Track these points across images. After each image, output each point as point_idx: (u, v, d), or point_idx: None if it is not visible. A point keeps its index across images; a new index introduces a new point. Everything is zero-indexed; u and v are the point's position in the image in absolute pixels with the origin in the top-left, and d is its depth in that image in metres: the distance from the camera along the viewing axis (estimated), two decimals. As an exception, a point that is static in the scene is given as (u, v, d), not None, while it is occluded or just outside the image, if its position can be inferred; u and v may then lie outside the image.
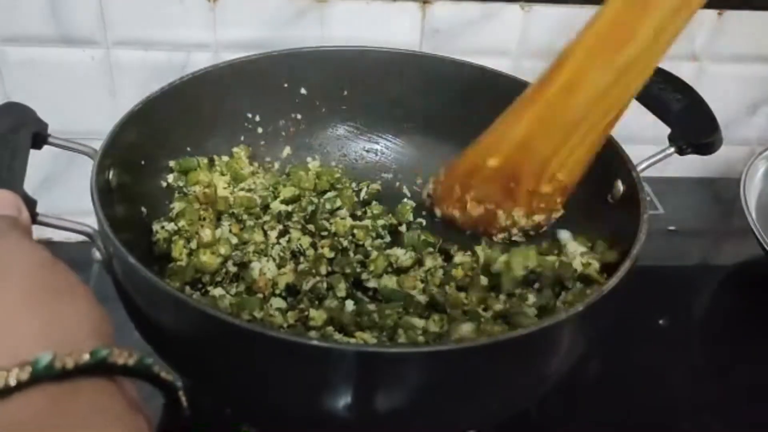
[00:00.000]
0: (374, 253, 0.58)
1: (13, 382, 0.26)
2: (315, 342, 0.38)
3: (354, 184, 0.66)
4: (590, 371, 0.50)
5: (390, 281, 0.56)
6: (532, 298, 0.52)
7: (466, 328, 0.49)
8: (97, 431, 0.28)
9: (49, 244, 0.48)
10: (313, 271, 0.56)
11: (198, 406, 0.38)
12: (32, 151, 0.49)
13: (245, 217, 0.60)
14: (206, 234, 0.56)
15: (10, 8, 0.68)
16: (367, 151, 0.69)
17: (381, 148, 0.69)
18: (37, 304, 0.31)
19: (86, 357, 0.28)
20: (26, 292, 0.31)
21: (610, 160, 0.54)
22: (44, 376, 0.27)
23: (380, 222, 0.62)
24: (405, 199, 0.65)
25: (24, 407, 0.27)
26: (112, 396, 0.30)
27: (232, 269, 0.56)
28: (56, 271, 0.34)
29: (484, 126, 0.56)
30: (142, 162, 0.56)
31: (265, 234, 0.59)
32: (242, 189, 0.62)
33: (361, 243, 0.60)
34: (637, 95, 0.57)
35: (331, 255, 0.58)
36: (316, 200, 0.62)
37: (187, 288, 0.54)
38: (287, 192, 0.62)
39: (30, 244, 0.36)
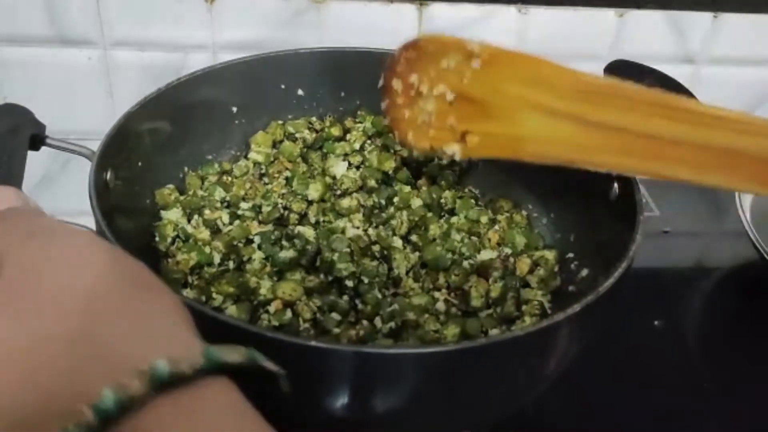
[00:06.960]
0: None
1: (135, 393, 0.25)
2: (313, 343, 0.38)
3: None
4: (586, 372, 0.50)
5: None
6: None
7: None
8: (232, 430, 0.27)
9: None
10: None
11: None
12: (29, 152, 0.49)
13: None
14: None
15: (7, 9, 0.68)
16: (365, 153, 0.69)
17: (378, 150, 0.69)
18: (137, 303, 0.29)
19: (201, 360, 0.27)
20: (120, 291, 0.29)
21: (606, 161, 0.54)
22: (161, 384, 0.25)
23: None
24: None
25: (148, 416, 0.25)
26: (234, 392, 0.28)
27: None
28: (130, 262, 0.31)
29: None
30: (139, 163, 0.56)
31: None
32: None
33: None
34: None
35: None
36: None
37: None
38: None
39: (91, 234, 0.33)
